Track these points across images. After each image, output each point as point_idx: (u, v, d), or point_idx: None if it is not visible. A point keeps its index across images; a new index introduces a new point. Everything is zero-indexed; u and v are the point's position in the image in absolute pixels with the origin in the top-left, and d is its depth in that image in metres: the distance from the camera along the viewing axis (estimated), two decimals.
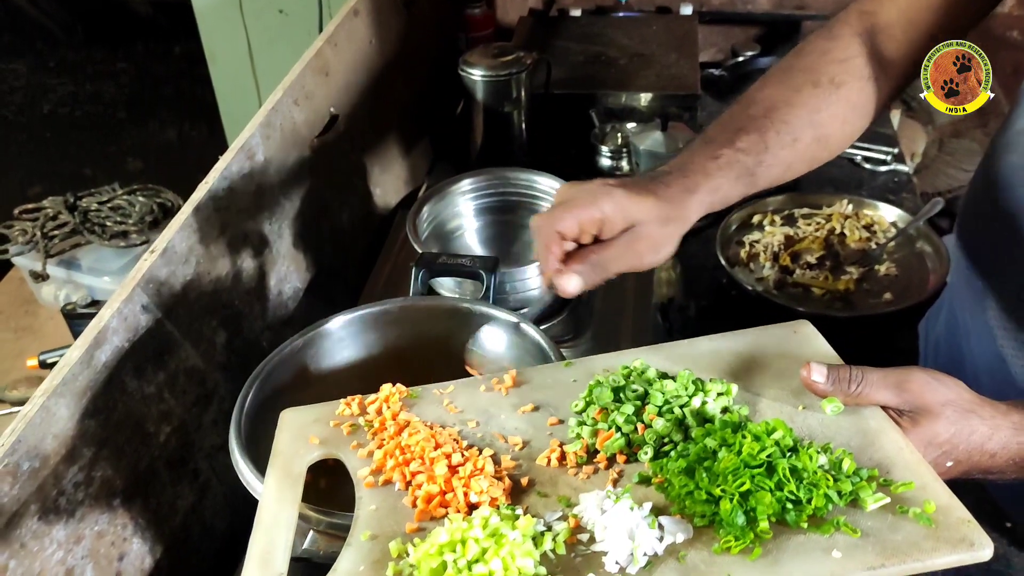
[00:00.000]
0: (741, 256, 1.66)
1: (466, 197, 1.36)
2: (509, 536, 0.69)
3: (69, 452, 0.90)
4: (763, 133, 0.94)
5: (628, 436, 0.80)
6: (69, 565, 0.90)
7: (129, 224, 1.80)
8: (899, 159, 1.97)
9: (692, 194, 0.89)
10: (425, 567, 0.68)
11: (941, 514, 0.68)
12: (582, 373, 0.90)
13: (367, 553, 0.73)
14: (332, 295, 1.49)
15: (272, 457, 0.86)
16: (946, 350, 1.24)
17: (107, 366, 0.96)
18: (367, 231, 1.64)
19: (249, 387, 0.97)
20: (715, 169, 0.91)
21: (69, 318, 1.66)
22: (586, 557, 0.70)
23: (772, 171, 0.95)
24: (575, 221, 0.83)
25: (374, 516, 0.77)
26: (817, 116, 0.97)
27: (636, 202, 0.85)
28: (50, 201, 1.83)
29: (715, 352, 0.90)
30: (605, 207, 0.83)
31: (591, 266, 0.85)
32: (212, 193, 1.16)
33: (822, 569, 0.66)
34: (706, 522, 0.71)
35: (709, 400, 0.81)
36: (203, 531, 1.12)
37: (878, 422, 0.77)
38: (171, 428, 1.06)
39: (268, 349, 1.26)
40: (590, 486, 0.77)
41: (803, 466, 0.71)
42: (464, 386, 0.91)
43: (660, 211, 0.86)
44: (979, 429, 0.76)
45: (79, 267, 1.75)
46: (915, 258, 1.65)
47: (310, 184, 1.42)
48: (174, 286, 1.08)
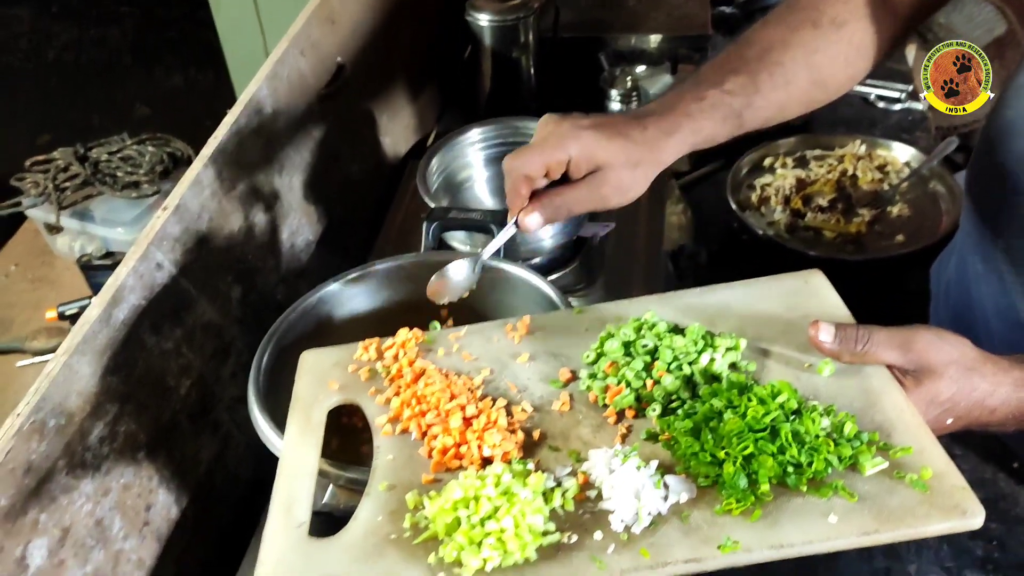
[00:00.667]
0: (752, 200, 1.66)
1: (475, 147, 1.36)
2: (520, 495, 0.71)
3: (93, 408, 0.92)
4: (754, 75, 0.94)
5: (637, 392, 0.81)
6: (98, 516, 0.93)
7: (140, 174, 1.80)
8: (913, 96, 1.95)
9: (669, 136, 0.89)
10: (440, 521, 0.71)
11: (937, 480, 0.69)
12: (594, 321, 0.91)
13: (385, 503, 0.76)
14: (345, 246, 1.50)
15: (292, 403, 0.88)
16: (957, 294, 1.24)
17: (125, 323, 0.97)
18: (378, 181, 1.64)
19: (265, 345, 0.99)
20: (698, 111, 0.91)
21: (85, 269, 1.68)
22: (594, 514, 0.72)
23: (762, 113, 0.95)
24: (540, 163, 0.85)
25: (391, 466, 0.79)
26: (814, 57, 0.96)
27: (604, 146, 0.86)
28: (60, 152, 1.83)
29: (725, 303, 0.90)
30: (571, 150, 0.85)
31: (554, 207, 0.87)
32: (222, 148, 1.16)
33: (819, 533, 0.67)
34: (710, 482, 0.72)
35: (717, 357, 0.82)
36: (226, 480, 1.15)
37: (881, 382, 0.78)
38: (191, 382, 1.08)
39: (283, 302, 1.28)
40: (600, 441, 0.79)
41: (806, 430, 0.72)
42: (478, 332, 0.92)
43: (629, 155, 0.87)
44: (980, 387, 0.77)
45: (92, 218, 1.76)
46: (928, 199, 1.65)
47: (319, 135, 1.42)
48: (188, 243, 1.09)
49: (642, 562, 0.68)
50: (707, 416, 0.75)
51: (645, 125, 0.89)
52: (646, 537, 0.69)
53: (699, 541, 0.68)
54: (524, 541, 0.68)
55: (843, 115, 1.92)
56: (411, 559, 0.70)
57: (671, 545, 0.68)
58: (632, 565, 0.68)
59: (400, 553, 0.71)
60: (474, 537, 0.69)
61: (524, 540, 0.68)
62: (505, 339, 0.91)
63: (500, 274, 1.05)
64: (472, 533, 0.69)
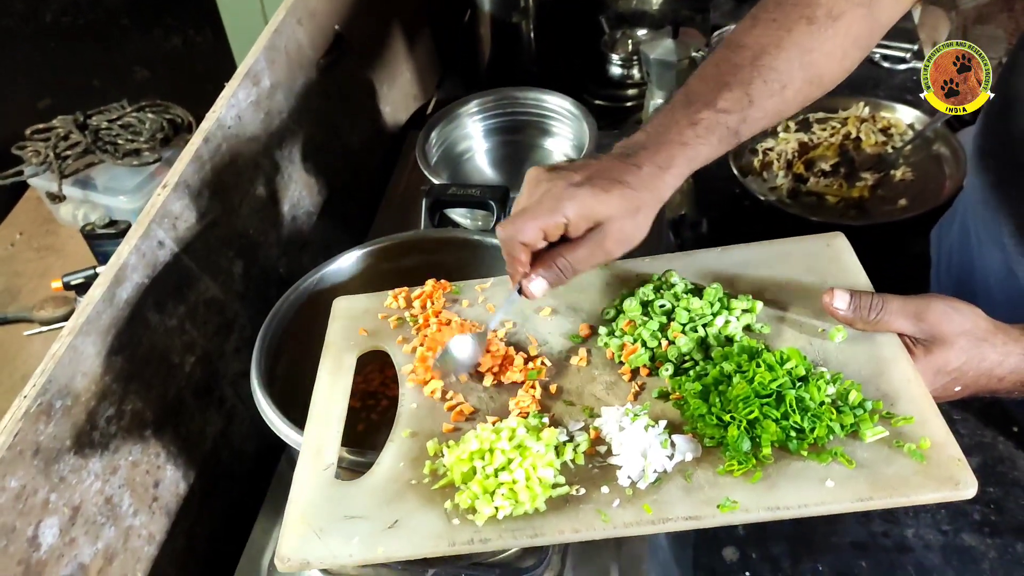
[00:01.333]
0: (754, 165, 1.65)
1: (474, 119, 1.35)
2: (533, 448, 0.75)
3: (99, 388, 0.93)
4: (748, 86, 0.88)
5: (652, 351, 0.84)
6: (107, 494, 0.94)
7: (140, 142, 1.80)
8: (918, 56, 1.92)
9: (666, 171, 0.84)
10: (456, 470, 0.75)
11: (935, 451, 0.71)
12: (615, 277, 0.94)
13: (407, 450, 0.80)
14: (346, 216, 1.50)
15: (325, 348, 0.93)
16: (959, 260, 1.24)
17: (129, 303, 0.98)
18: (378, 150, 1.64)
19: (267, 327, 1.00)
20: (693, 137, 0.86)
21: (89, 238, 1.69)
22: (602, 468, 0.76)
23: (759, 123, 0.90)
24: (537, 230, 0.80)
25: (415, 415, 0.84)
26: (809, 57, 0.91)
27: (602, 201, 0.80)
28: (60, 120, 1.83)
29: (746, 262, 0.92)
30: (568, 212, 0.80)
31: (558, 270, 0.83)
32: (220, 123, 1.16)
33: (815, 497, 0.70)
34: (715, 443, 0.75)
35: (732, 319, 0.84)
36: (232, 455, 1.16)
37: (892, 350, 0.80)
38: (195, 358, 1.09)
39: (285, 275, 1.29)
40: (613, 398, 0.82)
41: (810, 397, 0.74)
42: (503, 283, 0.96)
43: (629, 204, 0.81)
44: (990, 356, 0.78)
45: (95, 187, 1.76)
46: (932, 161, 1.63)
47: (318, 106, 1.41)
48: (189, 219, 1.09)
49: (644, 517, 0.71)
50: (717, 379, 0.77)
51: (639, 164, 0.84)
52: (650, 493, 0.72)
53: (700, 500, 0.71)
54: (535, 492, 0.72)
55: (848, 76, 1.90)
56: (429, 504, 0.75)
57: (673, 503, 0.71)
58: (635, 519, 0.71)
59: (419, 498, 0.75)
60: (488, 487, 0.73)
61: (535, 492, 0.72)
62: None
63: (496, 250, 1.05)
64: (486, 483, 0.73)
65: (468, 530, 0.72)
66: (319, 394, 0.87)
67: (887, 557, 1.05)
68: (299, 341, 1.01)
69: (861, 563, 1.05)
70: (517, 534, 0.71)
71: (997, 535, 1.06)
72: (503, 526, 0.72)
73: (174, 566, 1.04)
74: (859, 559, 1.05)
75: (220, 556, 1.09)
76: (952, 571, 1.03)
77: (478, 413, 0.83)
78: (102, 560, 0.93)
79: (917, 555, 1.05)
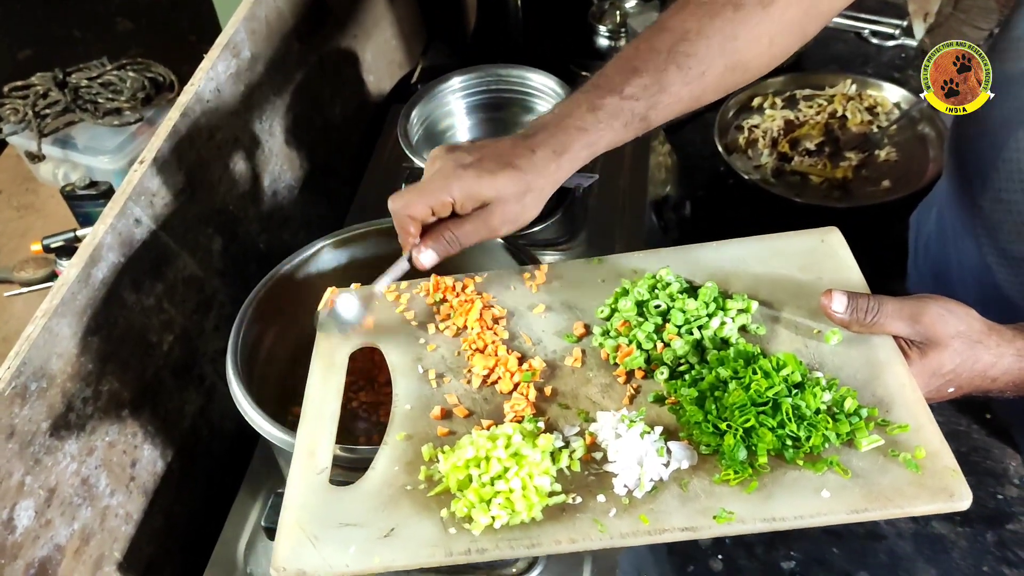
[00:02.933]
0: (739, 143, 1.64)
1: (457, 95, 1.32)
2: (529, 456, 0.74)
3: (75, 369, 0.93)
4: (660, 73, 0.88)
5: (648, 353, 0.83)
6: (84, 475, 0.94)
7: (121, 101, 1.76)
8: (908, 32, 1.91)
9: (560, 156, 0.87)
10: (452, 478, 0.74)
11: (929, 460, 0.71)
12: (610, 272, 0.93)
13: (401, 454, 0.79)
14: (328, 191, 1.49)
15: (316, 344, 0.91)
16: (936, 249, 1.25)
17: (105, 283, 0.97)
18: (361, 122, 1.62)
19: (243, 315, 0.99)
20: (593, 123, 0.87)
21: (69, 199, 1.66)
22: (598, 476, 0.75)
23: (672, 108, 0.90)
24: (425, 207, 0.85)
25: (408, 416, 0.83)
26: (733, 44, 0.89)
27: (488, 183, 0.84)
28: (39, 78, 1.79)
29: (741, 258, 0.91)
30: (455, 191, 0.84)
31: (445, 242, 0.87)
32: (198, 96, 1.13)
33: (811, 508, 0.70)
34: (711, 451, 0.75)
35: (728, 321, 0.83)
36: (212, 433, 1.16)
37: (887, 353, 0.79)
38: (173, 337, 1.08)
39: (265, 251, 1.28)
40: (608, 401, 0.81)
41: (806, 404, 0.74)
42: (496, 279, 0.95)
43: (516, 186, 0.85)
44: (984, 358, 0.78)
45: (75, 146, 1.73)
46: (917, 142, 1.64)
47: (300, 77, 1.38)
48: (166, 196, 1.07)
49: (641, 527, 0.71)
50: (713, 385, 0.77)
51: (533, 147, 0.86)
52: (647, 503, 0.72)
53: (696, 510, 0.71)
54: (531, 502, 0.72)
55: (836, 51, 1.89)
56: (425, 511, 0.74)
57: (669, 512, 0.71)
58: (631, 530, 0.71)
59: (414, 505, 0.75)
60: (484, 495, 0.72)
61: (531, 501, 0.72)
62: (523, 287, 0.93)
63: None
64: (482, 491, 0.72)
65: (465, 539, 0.71)
66: (311, 392, 0.86)
67: (859, 544, 1.07)
68: (275, 328, 1.01)
69: (834, 550, 1.06)
70: (514, 544, 0.71)
71: (967, 524, 1.08)
72: (500, 535, 0.71)
73: (152, 545, 1.05)
74: (832, 546, 1.07)
75: (199, 534, 1.09)
76: (923, 559, 1.05)
77: (472, 416, 0.82)
78: (78, 540, 0.93)
79: (889, 543, 1.07)
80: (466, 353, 0.87)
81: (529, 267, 0.95)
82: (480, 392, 0.84)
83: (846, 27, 1.93)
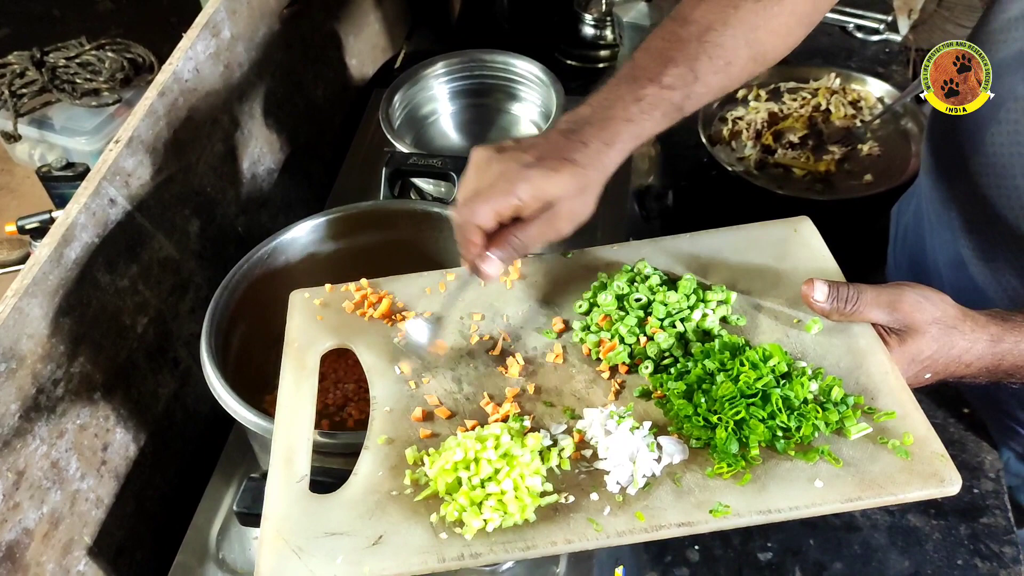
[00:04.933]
0: (723, 134, 1.64)
1: (440, 80, 1.31)
2: (520, 457, 0.73)
3: (46, 351, 0.91)
4: (693, 62, 0.88)
5: (631, 347, 0.82)
6: (53, 458, 0.93)
7: (99, 81, 1.74)
8: (892, 27, 1.91)
9: (611, 147, 0.84)
10: (440, 481, 0.72)
11: (918, 446, 0.71)
12: (585, 266, 0.92)
13: (384, 458, 0.77)
14: (308, 173, 1.47)
15: (286, 346, 0.88)
16: (913, 240, 1.26)
17: (78, 263, 0.95)
18: (343, 105, 1.60)
19: (218, 299, 0.97)
20: (638, 113, 0.86)
21: (46, 180, 1.64)
22: (589, 474, 0.74)
23: (703, 99, 0.91)
24: (493, 213, 0.80)
25: (389, 418, 0.80)
26: (754, 35, 0.91)
27: (553, 181, 0.81)
28: (16, 56, 1.76)
29: (716, 249, 0.91)
30: (522, 194, 0.80)
31: (512, 249, 0.82)
32: (176, 75, 1.12)
33: (805, 499, 0.70)
34: (702, 444, 0.74)
35: (709, 312, 0.83)
36: (186, 416, 1.15)
37: (868, 341, 0.80)
38: (148, 319, 1.07)
39: (244, 234, 1.26)
40: (593, 397, 0.80)
41: (795, 395, 0.74)
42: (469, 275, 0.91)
43: (577, 182, 0.82)
44: (959, 344, 0.79)
45: (52, 127, 1.71)
46: (899, 137, 1.64)
47: (281, 58, 1.37)
48: (142, 176, 1.06)
49: (637, 525, 0.70)
50: (700, 378, 0.76)
51: (586, 140, 0.84)
52: (641, 499, 0.71)
53: (691, 505, 0.70)
54: (524, 503, 0.70)
55: (821, 45, 1.89)
56: (413, 517, 0.72)
57: (665, 508, 0.70)
58: (628, 528, 0.70)
59: (402, 511, 0.72)
60: (475, 498, 0.71)
61: (524, 502, 0.70)
62: (498, 283, 0.91)
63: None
64: (473, 494, 0.71)
65: (457, 544, 0.70)
66: (284, 397, 0.82)
67: (835, 535, 1.07)
68: (251, 312, 0.99)
69: (809, 541, 1.06)
70: (508, 547, 0.69)
71: (942, 517, 1.09)
72: (493, 539, 0.70)
73: (123, 529, 1.03)
74: (807, 537, 1.07)
75: (171, 518, 1.08)
76: (897, 551, 1.05)
77: (455, 416, 0.80)
78: (47, 524, 0.92)
79: (864, 534, 1.07)
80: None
81: None
82: (461, 392, 0.82)
83: (831, 20, 1.93)
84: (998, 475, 1.15)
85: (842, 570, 1.05)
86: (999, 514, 1.10)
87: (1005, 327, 0.81)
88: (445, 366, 0.84)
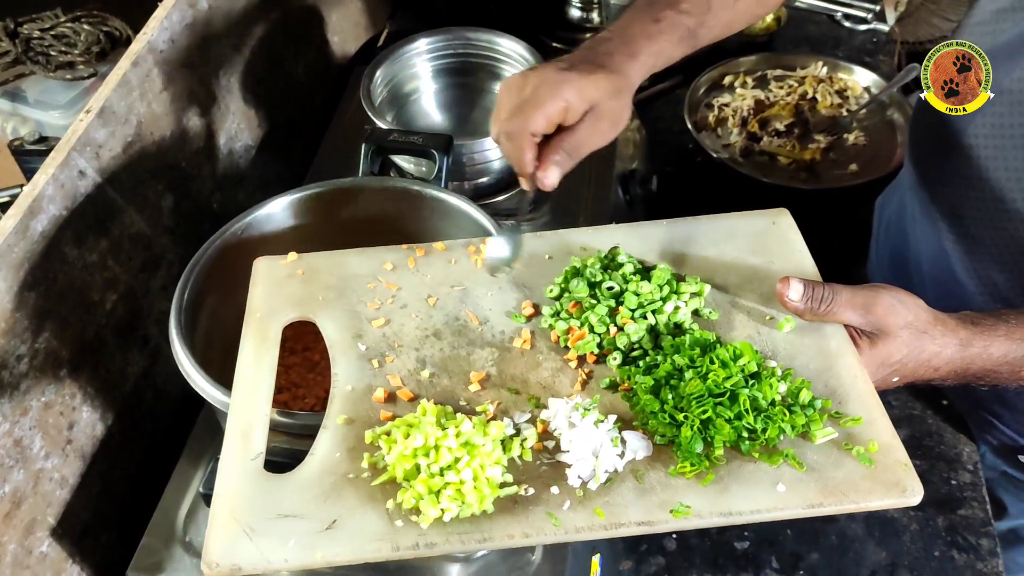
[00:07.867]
0: (709, 120, 1.62)
1: (423, 58, 1.29)
2: (481, 447, 0.71)
3: (9, 326, 0.88)
4: None
5: (600, 337, 0.80)
6: (16, 436, 0.90)
7: (75, 54, 1.70)
8: (880, 17, 1.90)
9: (634, 59, 0.88)
10: (399, 467, 0.70)
11: (882, 454, 0.70)
12: (558, 249, 0.89)
13: (343, 439, 0.74)
14: (287, 151, 1.45)
15: (247, 315, 0.85)
16: (896, 233, 1.25)
17: (44, 236, 0.92)
18: (324, 84, 1.57)
19: (188, 275, 0.95)
20: (657, 32, 0.90)
21: (17, 154, 1.60)
22: (551, 466, 0.72)
23: (713, 31, 0.95)
24: (544, 118, 0.82)
25: (349, 398, 0.78)
26: None
27: (592, 82, 0.84)
28: None
29: (693, 238, 0.89)
30: (567, 95, 0.82)
31: (566, 154, 0.84)
32: (151, 46, 1.09)
33: (767, 503, 0.68)
34: (666, 441, 0.73)
35: (681, 305, 0.81)
36: (156, 395, 1.12)
37: (839, 343, 0.78)
38: (117, 295, 1.04)
39: (219, 211, 1.24)
40: (559, 386, 0.78)
41: (763, 396, 0.72)
42: (437, 252, 0.90)
43: (612, 85, 0.85)
44: (929, 348, 0.78)
45: (25, 99, 1.66)
46: (885, 127, 1.63)
47: (261, 34, 1.34)
48: (114, 148, 1.03)
49: (596, 522, 0.68)
50: (668, 373, 0.75)
51: (610, 51, 0.88)
52: (602, 495, 0.70)
53: (653, 504, 0.69)
54: (483, 494, 0.68)
55: (808, 33, 1.87)
56: (369, 502, 0.70)
57: (625, 506, 0.69)
58: (587, 524, 0.68)
59: (358, 495, 0.70)
60: (433, 486, 0.69)
61: (483, 493, 0.68)
62: (467, 261, 0.89)
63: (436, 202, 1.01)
64: (431, 482, 0.69)
65: (412, 533, 0.68)
66: (243, 369, 0.79)
67: (811, 525, 1.06)
68: (223, 289, 0.97)
69: (787, 531, 1.06)
70: (465, 538, 0.68)
71: (919, 508, 1.08)
72: (449, 529, 0.68)
73: (88, 510, 1.01)
74: (784, 527, 1.06)
75: (138, 499, 1.06)
76: (873, 541, 1.05)
77: (417, 400, 0.77)
78: (9, 504, 0.90)
79: (840, 525, 1.06)
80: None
81: (474, 240, 0.91)
82: (426, 373, 0.80)
83: (819, 9, 1.91)
84: (976, 467, 1.15)
85: (818, 560, 1.04)
86: (976, 506, 1.10)
87: (975, 331, 0.80)
88: (410, 345, 0.82)
